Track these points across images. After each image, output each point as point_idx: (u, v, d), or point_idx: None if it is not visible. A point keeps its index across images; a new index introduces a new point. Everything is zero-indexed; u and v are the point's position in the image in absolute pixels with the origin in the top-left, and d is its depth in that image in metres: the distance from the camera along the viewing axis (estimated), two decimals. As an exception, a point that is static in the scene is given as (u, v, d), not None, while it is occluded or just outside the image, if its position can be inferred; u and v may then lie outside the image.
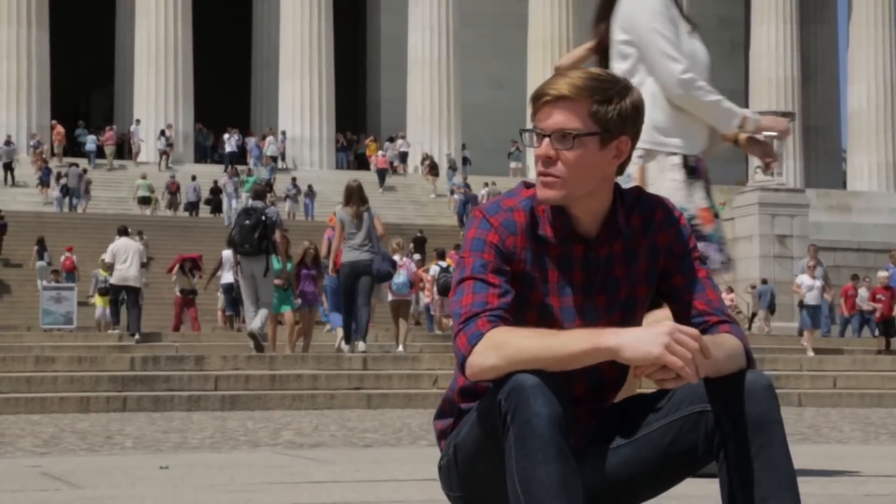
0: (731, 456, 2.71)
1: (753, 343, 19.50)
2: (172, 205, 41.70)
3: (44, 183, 40.07)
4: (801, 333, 24.80)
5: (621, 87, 2.82)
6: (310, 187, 42.95)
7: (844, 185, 54.99)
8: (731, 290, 31.99)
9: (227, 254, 24.17)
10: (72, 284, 30.39)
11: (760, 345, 22.24)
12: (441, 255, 25.02)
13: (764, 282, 32.06)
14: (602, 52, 6.11)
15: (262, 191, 17.61)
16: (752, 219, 32.76)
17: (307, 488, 5.24)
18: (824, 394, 15.91)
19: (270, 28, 50.92)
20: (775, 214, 32.59)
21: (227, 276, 24.07)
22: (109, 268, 23.52)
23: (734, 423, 2.70)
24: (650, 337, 2.58)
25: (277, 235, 15.84)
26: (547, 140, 2.77)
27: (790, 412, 13.90)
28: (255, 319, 15.91)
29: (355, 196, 15.56)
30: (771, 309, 31.86)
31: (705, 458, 2.77)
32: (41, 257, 34.73)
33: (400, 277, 17.91)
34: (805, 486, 5.21)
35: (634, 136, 2.84)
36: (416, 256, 28.66)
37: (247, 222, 15.64)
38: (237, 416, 12.39)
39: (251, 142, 45.33)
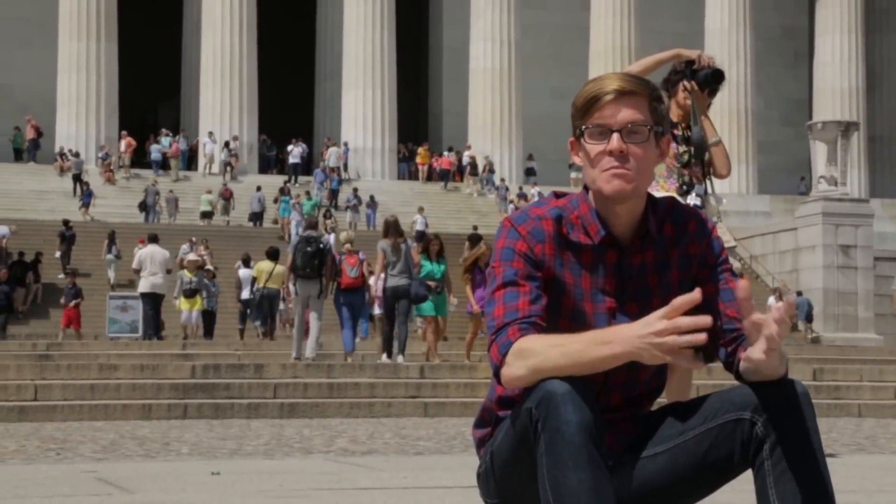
0: (767, 464, 2.74)
1: (815, 353, 19.29)
2: (226, 210, 42.15)
3: (86, 205, 40.32)
4: None
5: (658, 87, 2.91)
6: (371, 198, 43.17)
7: (911, 195, 54.27)
8: (780, 297, 31.70)
9: (244, 273, 25.99)
10: (137, 293, 30.72)
11: (822, 354, 22.04)
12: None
13: (799, 294, 31.74)
14: None
15: (315, 221, 19.54)
16: (816, 229, 32.47)
17: (352, 494, 5.32)
18: (885, 404, 15.72)
19: (334, 40, 51.26)
20: (839, 224, 32.29)
21: (244, 293, 26.36)
22: (136, 273, 24.36)
23: (770, 430, 2.73)
24: (634, 332, 2.62)
25: (329, 262, 17.45)
26: (617, 135, 2.81)
27: (849, 423, 13.77)
28: (297, 347, 17.47)
29: (392, 229, 17.57)
30: (808, 319, 31.64)
31: (741, 465, 2.80)
32: (110, 250, 35.57)
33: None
34: (850, 496, 5.21)
35: None
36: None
37: (308, 249, 17.22)
38: (294, 423, 12.51)
39: (318, 173, 45.55)
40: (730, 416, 2.78)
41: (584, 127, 2.84)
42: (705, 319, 2.58)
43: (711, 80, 7.19)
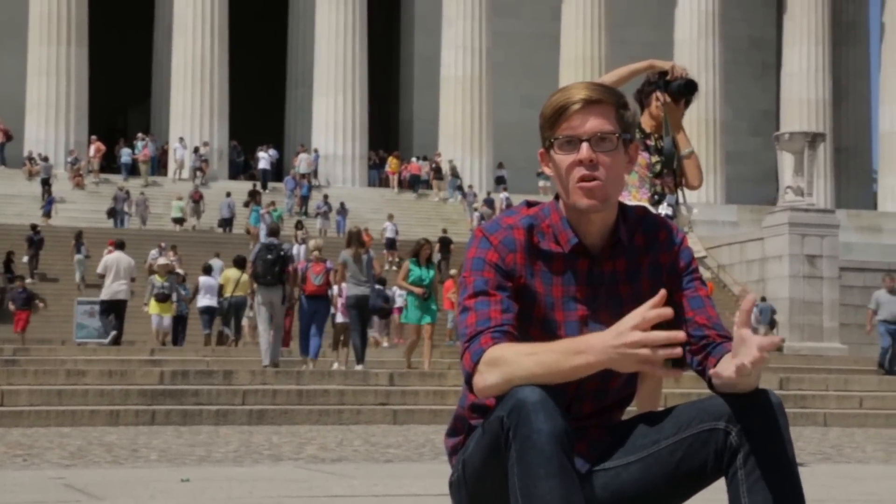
0: (740, 473, 2.75)
1: (782, 362, 19.38)
2: (196, 213, 42.04)
3: (47, 213, 39.97)
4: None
5: (624, 94, 2.94)
6: (342, 205, 43.12)
7: (875, 206, 54.66)
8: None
9: (204, 280, 26.06)
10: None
11: (788, 364, 22.17)
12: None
13: (763, 299, 32.11)
14: None
15: (277, 229, 19.56)
16: (783, 238, 32.65)
17: (323, 502, 5.33)
18: (850, 413, 15.85)
19: (306, 46, 51.18)
20: (805, 234, 32.47)
21: (203, 300, 26.39)
22: (101, 278, 24.44)
23: (743, 440, 2.75)
24: (606, 342, 2.63)
25: (290, 268, 17.64)
26: (586, 144, 2.82)
27: (815, 432, 13.87)
28: (266, 355, 17.41)
29: (354, 240, 18.02)
30: (771, 325, 31.91)
31: (714, 474, 2.81)
32: (78, 251, 35.45)
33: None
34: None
35: None
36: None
37: (268, 257, 17.40)
38: (263, 430, 12.48)
39: (289, 180, 45.30)
40: (704, 425, 2.79)
41: (553, 138, 2.85)
42: (679, 335, 2.61)
43: (685, 90, 7.24)
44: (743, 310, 2.71)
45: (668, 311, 2.64)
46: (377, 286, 19.11)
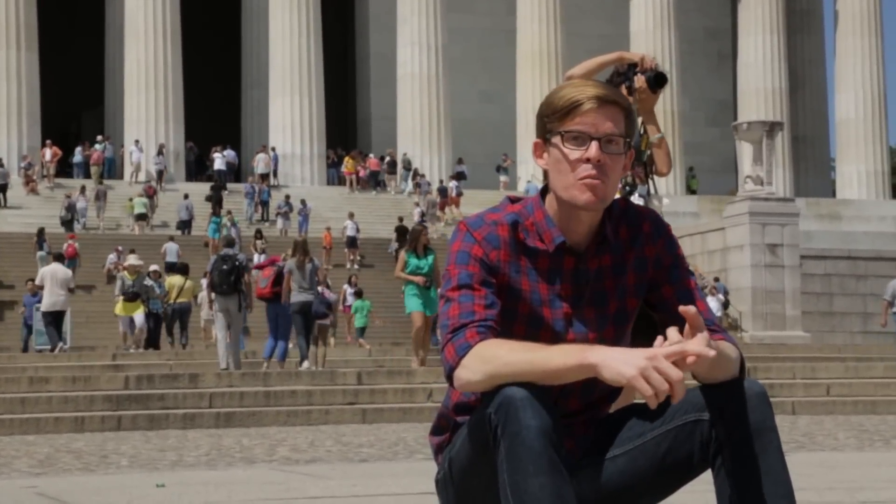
0: (727, 464, 2.72)
1: (747, 352, 19.44)
2: (150, 208, 41.81)
3: None
4: None
5: (630, 103, 2.90)
6: (303, 202, 42.91)
7: (834, 194, 55.12)
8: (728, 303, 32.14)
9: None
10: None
11: (753, 353, 22.26)
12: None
13: (716, 279, 32.52)
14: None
15: (232, 240, 20.58)
16: (743, 228, 32.79)
17: (303, 503, 5.25)
18: (818, 401, 15.90)
19: (260, 48, 50.93)
20: (766, 224, 32.63)
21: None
22: (40, 289, 25.31)
23: (729, 431, 2.71)
24: (629, 359, 2.57)
25: (246, 278, 18.57)
26: (596, 143, 2.78)
27: (784, 420, 13.91)
28: (224, 359, 18.19)
29: (300, 249, 19.11)
30: (725, 306, 32.30)
31: (701, 466, 2.78)
32: (41, 247, 35.57)
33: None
34: (801, 493, 5.22)
35: None
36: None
37: (224, 267, 18.30)
38: (232, 433, 12.37)
39: (247, 186, 44.81)
40: (688, 416, 2.76)
41: (563, 130, 2.80)
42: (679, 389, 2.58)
43: (654, 83, 7.24)
44: (691, 326, 2.65)
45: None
46: (321, 291, 20.31)
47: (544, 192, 2.90)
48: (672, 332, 2.63)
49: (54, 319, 24.87)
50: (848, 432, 11.95)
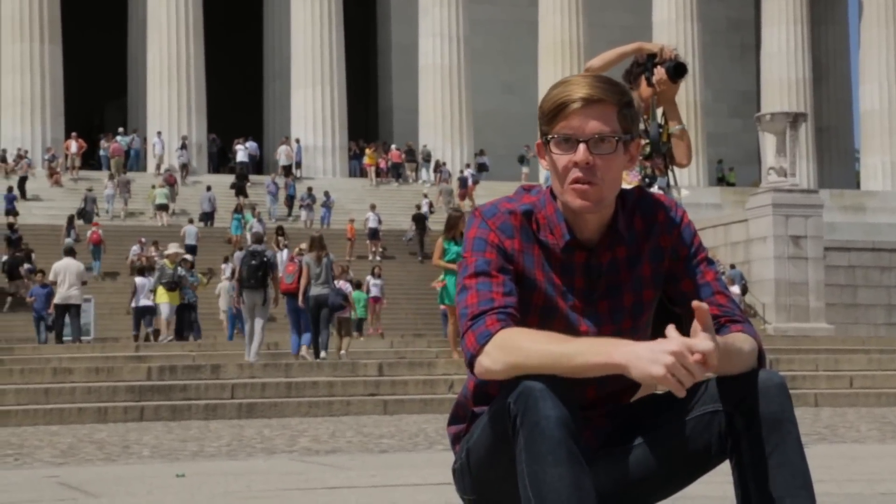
0: (745, 455, 2.71)
1: (770, 344, 19.33)
2: (172, 197, 41.92)
3: (9, 212, 39.45)
4: None
5: (629, 91, 2.84)
6: (326, 195, 42.92)
7: (858, 185, 54.81)
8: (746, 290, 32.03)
9: (140, 281, 27.10)
10: (89, 296, 30.46)
11: (776, 345, 22.18)
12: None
13: (732, 266, 32.47)
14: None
15: (261, 236, 21.14)
16: (766, 220, 32.66)
17: (322, 494, 5.25)
18: (841, 394, 15.83)
19: (282, 39, 50.99)
20: (789, 215, 32.49)
21: (141, 301, 27.02)
22: (53, 284, 25.78)
23: (747, 422, 2.70)
24: (654, 356, 2.56)
25: (273, 273, 19.05)
26: (584, 146, 2.74)
27: (806, 412, 13.85)
28: (252, 352, 18.47)
29: (317, 244, 19.64)
30: (743, 291, 32.22)
31: (719, 457, 2.77)
32: (69, 234, 36.04)
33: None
34: (821, 485, 5.20)
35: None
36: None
37: (252, 262, 18.83)
38: (254, 423, 12.41)
39: (269, 183, 44.71)
40: (707, 407, 2.74)
41: (549, 136, 2.77)
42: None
43: (674, 73, 7.22)
44: (702, 324, 2.64)
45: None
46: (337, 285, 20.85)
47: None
48: (670, 329, 2.62)
49: (68, 312, 25.33)
50: (870, 424, 11.90)
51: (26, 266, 33.70)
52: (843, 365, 17.83)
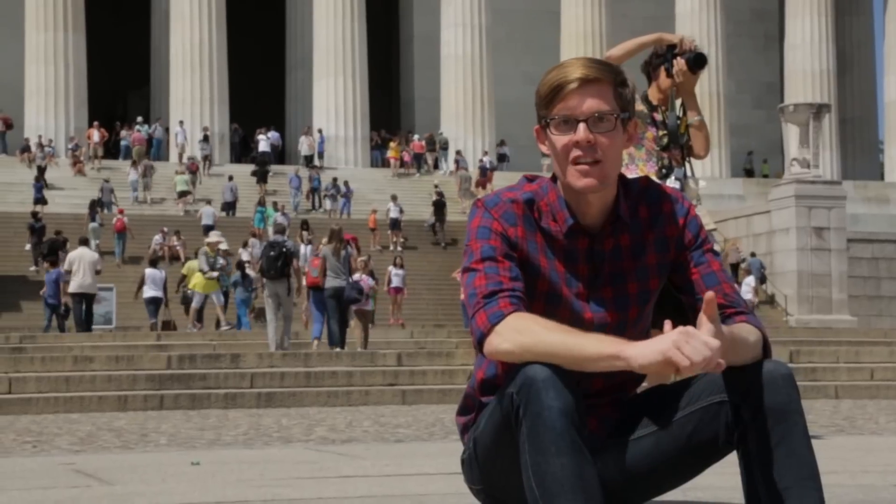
0: (752, 446, 2.71)
1: (791, 335, 19.35)
2: (194, 184, 42.08)
3: (38, 201, 39.51)
4: None
5: (623, 71, 2.85)
6: (346, 184, 42.96)
7: (882, 177, 54.51)
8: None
9: (150, 271, 27.65)
10: (111, 285, 30.61)
11: (797, 336, 22.13)
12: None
13: (752, 255, 32.43)
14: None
15: (283, 227, 21.23)
16: (789, 211, 32.59)
17: (334, 482, 5.27)
18: (861, 385, 15.79)
19: (304, 29, 51.03)
20: (812, 207, 32.41)
21: (149, 291, 27.51)
22: (67, 273, 25.87)
23: (754, 412, 2.70)
24: (655, 345, 2.58)
25: (295, 264, 19.30)
26: (583, 125, 2.75)
27: (826, 404, 13.83)
28: (272, 340, 18.71)
29: (336, 237, 19.96)
30: (762, 280, 32.16)
31: (726, 447, 2.78)
32: (93, 219, 36.37)
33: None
34: (834, 476, 5.20)
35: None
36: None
37: (271, 253, 19.02)
38: (272, 413, 12.45)
39: (291, 173, 44.50)
40: (714, 398, 2.75)
41: (549, 118, 2.79)
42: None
43: (693, 64, 7.21)
44: (709, 315, 2.63)
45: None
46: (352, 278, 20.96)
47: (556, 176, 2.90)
48: (667, 325, 2.62)
49: (85, 302, 25.55)
50: (889, 416, 11.86)
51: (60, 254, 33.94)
52: (864, 357, 17.77)
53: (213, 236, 27.53)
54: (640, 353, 2.58)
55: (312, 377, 14.72)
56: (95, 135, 45.42)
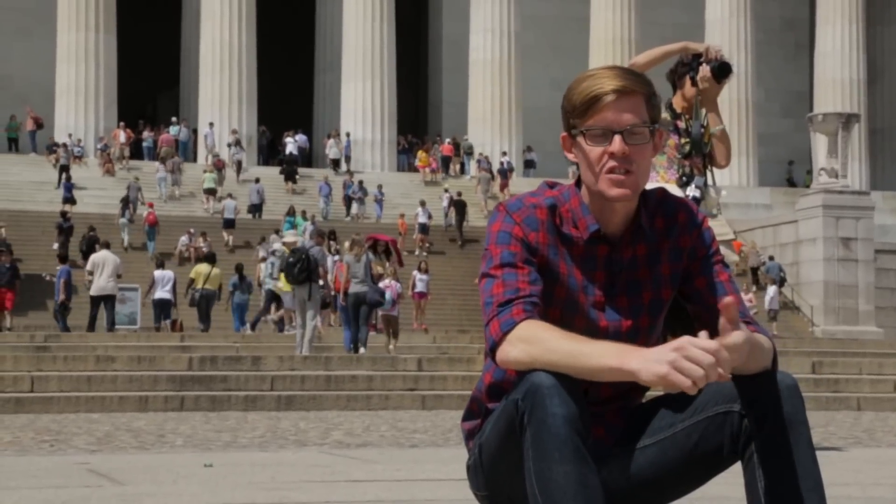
0: (757, 456, 2.71)
1: (815, 346, 19.23)
2: (219, 182, 42.22)
3: (67, 200, 39.63)
4: None
5: (651, 81, 2.87)
6: (379, 188, 42.89)
7: (911, 188, 54.18)
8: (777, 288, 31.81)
9: (159, 273, 28.07)
10: (135, 285, 30.73)
11: (821, 348, 22.01)
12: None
13: (771, 258, 32.33)
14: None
15: (313, 234, 22.51)
16: (816, 221, 32.43)
17: (344, 486, 5.28)
18: (884, 398, 15.68)
19: (333, 31, 51.16)
20: (840, 217, 32.23)
21: (159, 293, 28.21)
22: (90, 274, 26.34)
23: (759, 422, 2.70)
24: (660, 356, 2.56)
25: (320, 270, 19.93)
26: (619, 137, 2.77)
27: (848, 416, 13.74)
28: (304, 345, 19.06)
29: (357, 245, 20.95)
30: (781, 283, 32.00)
31: (731, 457, 2.77)
32: (123, 214, 36.95)
33: (386, 297, 22.05)
34: (845, 489, 5.17)
35: None
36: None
37: (290, 260, 19.71)
38: (291, 416, 12.47)
39: (321, 181, 44.35)
40: (719, 408, 2.75)
41: (583, 129, 2.80)
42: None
43: (719, 73, 7.21)
44: (728, 318, 2.63)
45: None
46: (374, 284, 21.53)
47: (580, 180, 2.91)
48: (703, 335, 2.61)
49: (104, 304, 25.97)
50: (910, 429, 11.78)
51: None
52: (887, 369, 17.65)
53: (290, 236, 27.50)
54: (643, 367, 2.58)
55: (333, 381, 14.74)
56: (122, 135, 45.65)
